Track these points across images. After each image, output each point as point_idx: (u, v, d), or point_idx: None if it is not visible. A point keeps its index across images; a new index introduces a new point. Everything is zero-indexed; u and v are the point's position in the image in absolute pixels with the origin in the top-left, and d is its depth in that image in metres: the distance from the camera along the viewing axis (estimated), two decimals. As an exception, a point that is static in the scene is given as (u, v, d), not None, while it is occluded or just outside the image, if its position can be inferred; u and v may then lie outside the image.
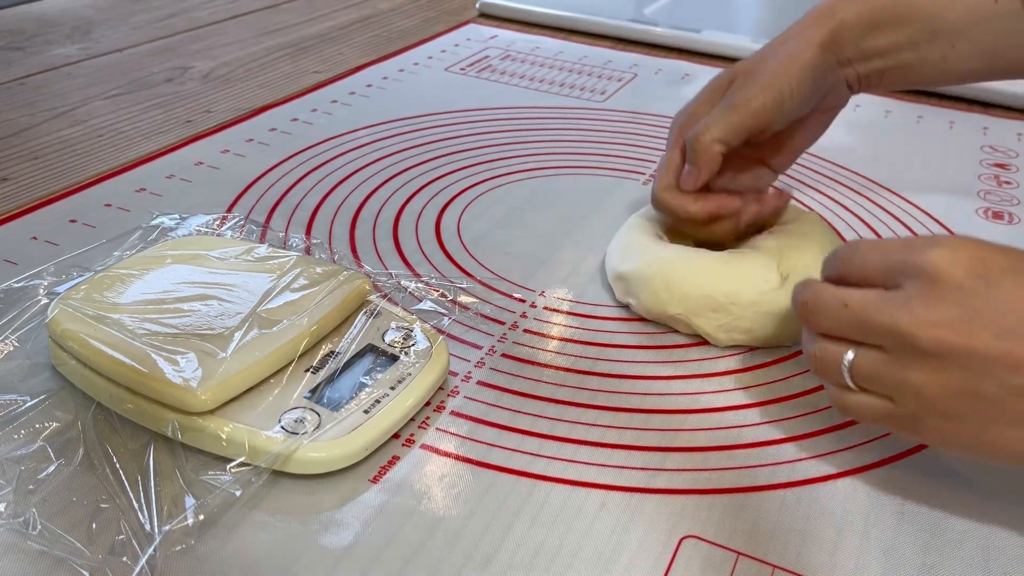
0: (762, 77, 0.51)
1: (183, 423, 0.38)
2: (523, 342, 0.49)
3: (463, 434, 0.42)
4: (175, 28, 0.98)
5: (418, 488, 0.39)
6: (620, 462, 0.41)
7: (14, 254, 0.54)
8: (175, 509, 0.36)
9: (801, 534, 0.38)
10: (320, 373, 0.42)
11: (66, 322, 0.42)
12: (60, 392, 0.42)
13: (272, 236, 0.57)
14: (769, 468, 0.41)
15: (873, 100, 0.83)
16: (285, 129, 0.74)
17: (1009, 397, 0.33)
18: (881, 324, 0.35)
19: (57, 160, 0.67)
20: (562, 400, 0.45)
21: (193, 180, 0.65)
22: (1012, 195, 0.67)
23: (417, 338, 0.45)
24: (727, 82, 0.53)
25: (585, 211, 0.63)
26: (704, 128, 0.50)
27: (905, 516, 0.39)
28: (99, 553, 0.35)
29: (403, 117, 0.77)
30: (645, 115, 0.79)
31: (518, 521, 0.38)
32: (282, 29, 0.99)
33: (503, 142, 0.73)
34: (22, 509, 0.36)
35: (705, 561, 0.36)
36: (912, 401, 0.35)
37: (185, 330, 0.41)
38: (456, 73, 0.88)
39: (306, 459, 0.38)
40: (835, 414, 0.44)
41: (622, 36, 0.99)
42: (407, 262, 0.56)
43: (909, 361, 0.35)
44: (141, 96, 0.79)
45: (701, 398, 0.45)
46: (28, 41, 0.92)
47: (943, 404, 0.34)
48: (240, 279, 0.46)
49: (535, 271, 0.56)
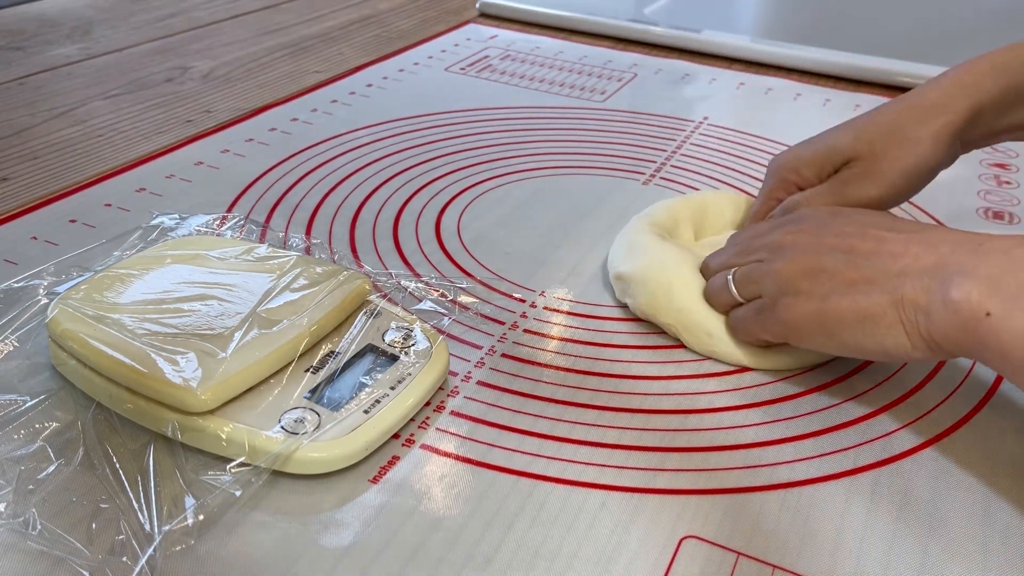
0: (883, 176, 0.49)
1: (183, 423, 0.38)
2: (523, 342, 0.49)
3: (463, 434, 0.42)
4: (175, 28, 0.98)
5: (418, 488, 0.39)
6: (620, 462, 0.41)
7: (14, 254, 0.54)
8: (175, 509, 0.36)
9: (801, 534, 0.38)
10: (320, 373, 0.42)
11: (66, 322, 0.42)
12: (60, 392, 0.42)
13: (272, 236, 0.57)
14: (769, 468, 0.41)
15: (873, 101, 0.83)
16: (285, 129, 0.74)
17: (841, 269, 0.41)
18: (761, 244, 0.46)
19: (57, 160, 0.67)
20: (562, 400, 0.45)
21: (193, 180, 0.65)
22: (1012, 195, 0.67)
23: (417, 338, 0.45)
24: (842, 158, 0.51)
25: (585, 211, 0.63)
26: (804, 204, 0.50)
27: (905, 516, 0.39)
28: (99, 553, 0.35)
29: (403, 117, 0.77)
30: (645, 115, 0.79)
31: (518, 521, 0.38)
32: (282, 29, 0.99)
33: (503, 142, 0.73)
34: (22, 509, 0.36)
35: (705, 561, 0.36)
36: (772, 285, 0.44)
37: (185, 330, 0.41)
38: (456, 73, 0.88)
39: (306, 459, 0.38)
40: (835, 414, 0.44)
41: (622, 36, 0.99)
42: (407, 262, 0.56)
43: (775, 258, 0.44)
44: (141, 96, 0.79)
45: (701, 398, 0.45)
46: (28, 41, 0.92)
47: (795, 282, 0.43)
48: (240, 279, 0.46)
49: (535, 271, 0.56)
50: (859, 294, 0.40)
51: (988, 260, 0.37)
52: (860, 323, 0.40)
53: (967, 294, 0.37)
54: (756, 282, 0.45)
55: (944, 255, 0.39)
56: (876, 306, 0.40)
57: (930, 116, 0.49)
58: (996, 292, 0.36)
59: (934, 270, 0.39)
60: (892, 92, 0.85)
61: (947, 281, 0.38)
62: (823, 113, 0.81)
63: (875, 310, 0.40)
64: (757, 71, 0.91)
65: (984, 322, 0.36)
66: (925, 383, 0.47)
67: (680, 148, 0.73)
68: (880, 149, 0.49)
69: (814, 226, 0.45)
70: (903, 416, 0.44)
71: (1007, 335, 0.36)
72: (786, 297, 0.43)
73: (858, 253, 0.41)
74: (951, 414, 0.45)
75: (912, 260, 0.40)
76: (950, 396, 0.46)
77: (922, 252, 0.40)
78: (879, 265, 0.40)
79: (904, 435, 0.43)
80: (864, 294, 0.40)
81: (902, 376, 0.47)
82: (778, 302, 0.43)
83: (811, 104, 0.83)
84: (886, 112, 0.51)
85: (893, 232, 0.42)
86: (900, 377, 0.47)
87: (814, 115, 0.80)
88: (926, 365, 0.48)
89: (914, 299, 0.39)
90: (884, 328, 0.39)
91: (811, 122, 0.78)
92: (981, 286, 0.37)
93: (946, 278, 0.38)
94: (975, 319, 0.36)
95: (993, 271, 0.37)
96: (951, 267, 0.38)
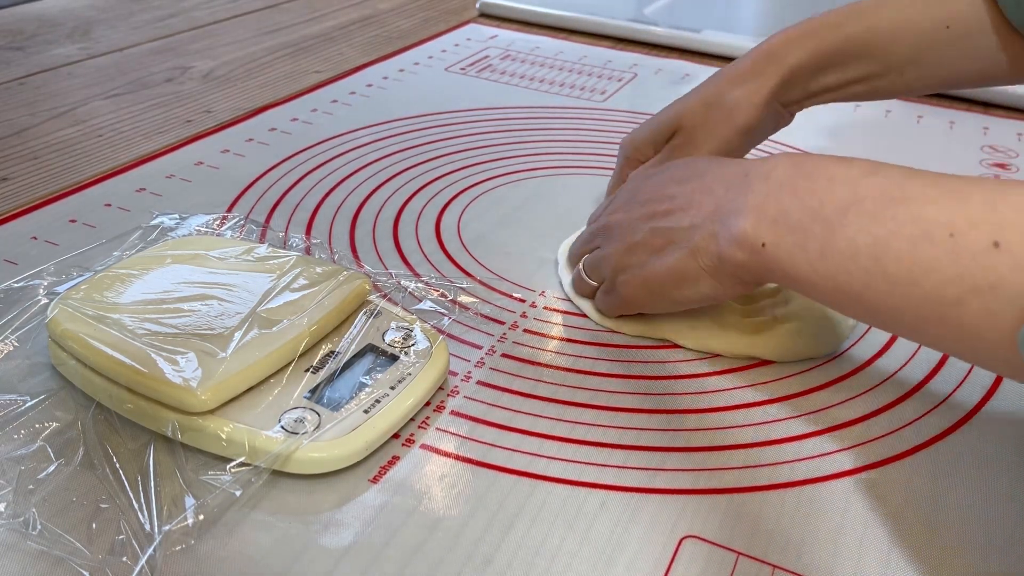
0: (704, 141, 0.53)
1: (183, 423, 0.38)
2: (523, 342, 0.49)
3: (463, 434, 0.42)
4: (175, 28, 0.98)
5: (418, 488, 0.39)
6: (620, 462, 0.41)
7: (14, 254, 0.54)
8: (175, 509, 0.36)
9: (801, 534, 0.38)
10: (320, 373, 0.42)
11: (66, 322, 0.42)
12: (60, 392, 0.42)
13: (272, 236, 0.57)
14: (769, 468, 0.41)
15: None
16: (285, 129, 0.74)
17: (648, 239, 0.45)
18: (597, 228, 0.50)
19: (57, 160, 0.67)
20: (562, 400, 0.45)
21: (193, 180, 0.65)
22: (1012, 195, 0.67)
23: (417, 338, 0.45)
24: (670, 130, 0.54)
25: (585, 211, 0.62)
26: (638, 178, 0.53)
27: (905, 516, 0.39)
28: (99, 553, 0.35)
29: (403, 117, 0.77)
30: (645, 115, 0.79)
31: (518, 521, 0.38)
32: (282, 29, 0.99)
33: (503, 142, 0.73)
34: (22, 509, 0.36)
35: (705, 561, 0.36)
36: (608, 267, 0.48)
37: (185, 330, 0.41)
38: (456, 73, 0.88)
39: (306, 459, 0.38)
40: (835, 414, 0.44)
41: (622, 36, 0.99)
42: (407, 262, 0.56)
43: (605, 243, 0.49)
44: (141, 96, 0.79)
45: (701, 398, 0.45)
46: (28, 41, 0.92)
47: (621, 260, 0.47)
48: (240, 279, 0.46)
49: (535, 271, 0.56)
50: (666, 256, 0.44)
51: (754, 190, 0.40)
52: (676, 282, 0.44)
53: (743, 231, 0.39)
54: (598, 268, 0.49)
55: (720, 197, 0.42)
56: (680, 262, 0.43)
57: (744, 82, 0.53)
58: (763, 221, 0.39)
59: (715, 215, 0.41)
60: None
61: (726, 222, 0.40)
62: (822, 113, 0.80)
63: (680, 266, 0.43)
64: (757, 71, 0.91)
65: (763, 253, 0.38)
66: (925, 383, 0.47)
67: (680, 148, 0.73)
68: (699, 119, 0.53)
69: (625, 202, 0.49)
70: (903, 416, 0.44)
71: (785, 260, 0.38)
72: (620, 276, 0.47)
73: (658, 217, 0.45)
74: (951, 414, 0.45)
75: (697, 210, 0.43)
76: (950, 396, 0.46)
77: (704, 200, 0.43)
78: (675, 224, 0.44)
79: (904, 435, 0.43)
80: (669, 254, 0.44)
81: (902, 376, 0.47)
82: (616, 282, 0.47)
83: (811, 104, 0.83)
84: (707, 83, 0.55)
85: (681, 185, 0.45)
86: (900, 377, 0.47)
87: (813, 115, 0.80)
88: (925, 365, 0.48)
89: (705, 247, 0.42)
90: (694, 280, 0.43)
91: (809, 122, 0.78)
92: (750, 219, 0.39)
93: (725, 219, 0.40)
94: (756, 252, 0.39)
95: (758, 200, 0.39)
96: (726, 207, 0.41)
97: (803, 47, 0.52)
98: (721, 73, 0.54)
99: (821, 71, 0.52)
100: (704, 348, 0.48)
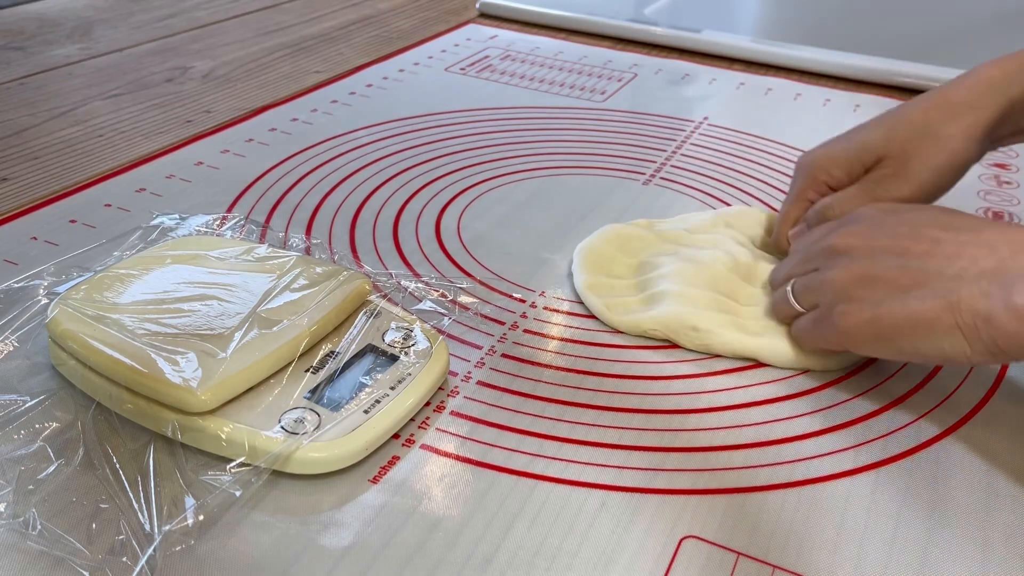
0: (917, 173, 0.49)
1: (183, 423, 0.38)
2: (523, 342, 0.49)
3: (463, 434, 0.42)
4: (175, 28, 0.98)
5: (418, 488, 0.39)
6: (620, 462, 0.41)
7: (14, 254, 0.54)
8: (175, 509, 0.36)
9: (801, 534, 0.38)
10: (320, 373, 0.42)
11: (66, 322, 0.42)
12: (60, 392, 0.42)
13: (272, 236, 0.57)
14: (769, 468, 0.41)
15: (873, 101, 0.83)
16: (285, 129, 0.74)
17: (894, 275, 0.41)
18: (817, 250, 0.46)
19: (57, 160, 0.67)
20: (562, 400, 0.45)
21: (193, 180, 0.65)
22: (1012, 195, 0.67)
23: (417, 338, 0.45)
24: (872, 157, 0.51)
25: (585, 211, 0.63)
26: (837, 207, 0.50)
27: (905, 516, 0.39)
28: (99, 553, 0.35)
29: (403, 117, 0.77)
30: (645, 115, 0.79)
31: (518, 521, 0.38)
32: (282, 29, 0.99)
33: (503, 142, 0.73)
34: (22, 509, 0.36)
35: (705, 561, 0.36)
36: (828, 293, 0.43)
37: (185, 330, 0.41)
38: (456, 73, 0.88)
39: (306, 459, 0.38)
40: (835, 414, 0.44)
41: (622, 36, 0.99)
42: (407, 262, 0.56)
43: (831, 266, 0.44)
44: (141, 96, 0.79)
45: (701, 398, 0.45)
46: (28, 41, 0.92)
47: (850, 290, 0.42)
48: (240, 279, 0.46)
49: (535, 271, 0.56)
50: (913, 300, 0.39)
51: None
52: (915, 329, 0.39)
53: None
54: (814, 292, 0.45)
55: (1004, 258, 0.38)
56: (930, 311, 0.39)
57: (960, 113, 0.49)
58: None
59: (994, 274, 0.38)
60: (892, 92, 0.85)
61: (1009, 286, 0.37)
62: (823, 113, 0.81)
63: (930, 315, 0.39)
64: (757, 71, 0.91)
65: None
66: (925, 383, 0.47)
67: (680, 148, 0.73)
68: (911, 147, 0.49)
69: (867, 228, 0.44)
70: (903, 416, 0.44)
71: None
72: (841, 305, 0.42)
73: (912, 256, 0.41)
74: (951, 414, 0.45)
75: (969, 263, 0.39)
76: (950, 396, 0.46)
77: (980, 255, 0.39)
78: (933, 268, 0.40)
79: (904, 435, 0.43)
80: (918, 299, 0.39)
81: (902, 376, 0.47)
82: (833, 311, 0.43)
83: (811, 104, 0.83)
84: (915, 109, 0.50)
85: (948, 232, 0.41)
86: (900, 377, 0.47)
87: (814, 115, 0.80)
88: (924, 367, 0.48)
89: (972, 304, 0.37)
90: (941, 333, 0.38)
91: (811, 122, 0.78)
92: None
93: (1008, 283, 0.37)
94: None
95: None
96: (1012, 271, 0.37)
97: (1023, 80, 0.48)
98: (929, 99, 0.50)
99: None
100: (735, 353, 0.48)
